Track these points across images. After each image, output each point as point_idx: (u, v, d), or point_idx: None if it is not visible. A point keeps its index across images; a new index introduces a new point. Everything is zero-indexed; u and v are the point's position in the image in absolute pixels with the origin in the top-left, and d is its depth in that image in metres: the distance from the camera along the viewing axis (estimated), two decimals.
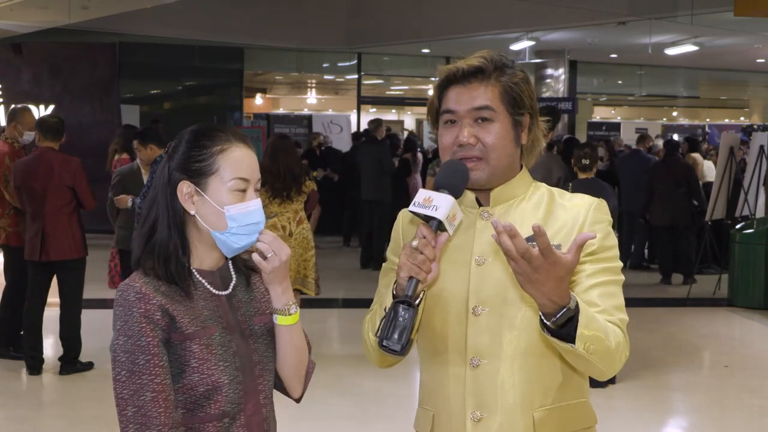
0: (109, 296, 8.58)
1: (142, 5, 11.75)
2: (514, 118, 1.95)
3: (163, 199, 1.93)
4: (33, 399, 6.17)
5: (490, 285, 1.94)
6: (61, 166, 6.31)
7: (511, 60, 1.99)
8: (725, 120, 24.76)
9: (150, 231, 1.94)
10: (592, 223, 1.95)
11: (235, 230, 1.90)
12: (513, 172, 2.00)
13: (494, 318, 1.94)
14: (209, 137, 1.93)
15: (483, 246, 1.96)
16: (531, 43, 15.60)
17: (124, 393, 1.84)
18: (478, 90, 1.94)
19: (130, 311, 1.85)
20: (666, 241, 10.37)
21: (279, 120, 17.25)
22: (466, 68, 1.94)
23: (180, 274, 1.90)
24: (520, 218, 1.95)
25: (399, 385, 6.08)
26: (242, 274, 2.03)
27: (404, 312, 1.80)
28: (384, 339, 1.81)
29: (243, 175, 1.91)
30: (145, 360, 1.83)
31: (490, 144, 1.94)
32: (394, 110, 25.49)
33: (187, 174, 1.91)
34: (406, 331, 1.80)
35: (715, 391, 6.49)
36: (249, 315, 2.00)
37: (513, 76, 1.95)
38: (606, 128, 19.40)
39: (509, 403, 1.93)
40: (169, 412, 1.84)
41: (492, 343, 1.94)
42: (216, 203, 1.90)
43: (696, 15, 12.04)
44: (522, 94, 1.95)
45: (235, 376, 1.93)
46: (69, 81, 14.46)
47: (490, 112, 1.93)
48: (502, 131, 1.94)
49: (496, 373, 1.93)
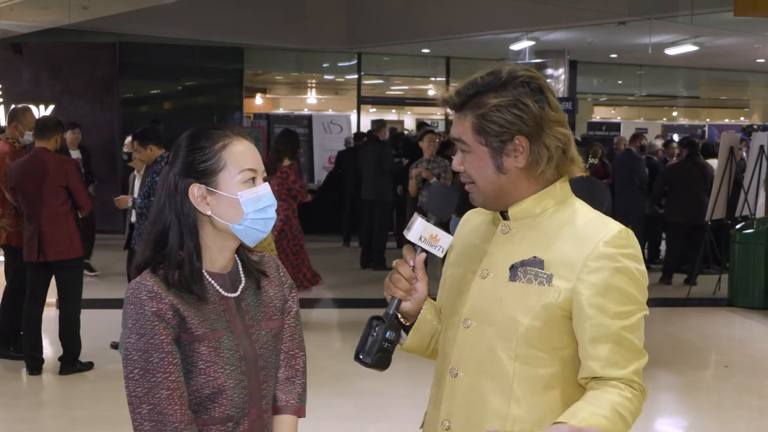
0: (109, 296, 8.58)
1: (142, 5, 11.75)
2: (492, 147, 1.91)
3: (172, 207, 1.93)
4: (33, 399, 6.16)
5: (483, 300, 1.95)
6: (55, 166, 6.31)
7: (504, 77, 1.90)
8: (725, 120, 24.73)
9: (157, 240, 1.94)
10: (597, 258, 1.85)
11: (252, 216, 1.91)
12: (518, 195, 1.95)
13: (478, 334, 1.94)
14: (207, 137, 1.94)
15: (491, 260, 1.97)
16: (531, 43, 15.59)
17: (138, 391, 1.84)
18: (457, 121, 1.96)
19: (142, 309, 1.85)
20: (681, 239, 10.36)
21: (279, 120, 17.23)
22: (441, 100, 1.97)
23: (194, 279, 1.90)
24: (536, 237, 1.93)
25: (399, 385, 6.08)
26: (252, 278, 2.03)
27: (378, 327, 1.95)
28: (358, 352, 1.96)
29: (250, 166, 1.93)
30: (159, 358, 1.84)
31: (471, 174, 1.96)
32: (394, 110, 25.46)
33: (195, 176, 1.92)
34: (376, 345, 1.94)
35: (715, 391, 6.49)
36: (257, 320, 2.01)
37: (483, 105, 1.89)
38: (606, 128, 19.39)
39: (472, 420, 1.94)
40: (184, 409, 1.85)
41: (470, 357, 1.95)
42: (230, 194, 1.91)
43: (696, 15, 12.02)
44: (498, 121, 1.88)
45: (241, 381, 1.93)
46: (69, 81, 14.45)
47: (464, 144, 1.94)
48: (477, 162, 1.94)
49: (467, 388, 1.95)
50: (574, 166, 1.98)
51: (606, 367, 1.83)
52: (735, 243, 9.26)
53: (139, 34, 14.65)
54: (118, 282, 9.01)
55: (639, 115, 25.35)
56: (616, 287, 1.84)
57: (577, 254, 1.86)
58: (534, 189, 1.95)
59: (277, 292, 2.07)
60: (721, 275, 9.72)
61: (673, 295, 9.76)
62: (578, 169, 1.99)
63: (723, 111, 25.60)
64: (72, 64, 14.47)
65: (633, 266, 1.86)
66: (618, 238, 1.87)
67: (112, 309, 8.31)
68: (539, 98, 1.90)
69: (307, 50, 17.47)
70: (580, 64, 18.67)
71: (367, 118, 19.65)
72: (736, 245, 9.23)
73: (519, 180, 1.94)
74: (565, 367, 1.90)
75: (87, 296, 6.89)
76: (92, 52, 14.71)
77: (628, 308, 1.85)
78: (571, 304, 1.86)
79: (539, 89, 1.91)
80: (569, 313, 1.87)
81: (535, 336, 1.87)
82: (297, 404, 2.09)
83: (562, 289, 1.86)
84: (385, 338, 1.94)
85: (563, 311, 1.87)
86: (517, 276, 1.90)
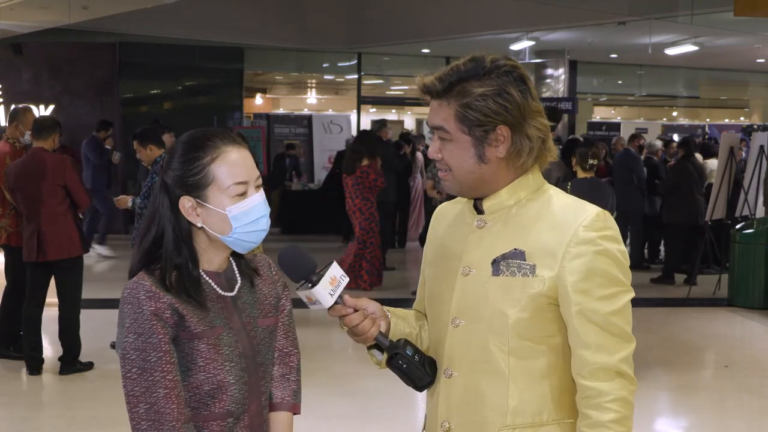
0: (109, 296, 8.58)
1: (142, 5, 11.75)
2: (475, 136, 1.90)
3: (165, 215, 1.94)
4: (33, 399, 6.16)
5: (469, 298, 1.95)
6: (52, 165, 6.31)
7: (487, 65, 1.88)
8: (725, 120, 24.74)
9: (152, 245, 1.95)
10: (578, 244, 1.86)
11: (241, 229, 1.92)
12: (497, 184, 1.94)
13: (468, 332, 1.95)
14: (199, 148, 1.93)
15: (471, 256, 1.96)
16: (531, 43, 15.60)
17: (136, 390, 1.85)
18: (438, 109, 1.93)
19: (140, 309, 1.86)
20: (679, 239, 10.35)
21: (279, 120, 17.23)
22: (421, 86, 1.94)
23: (192, 285, 1.91)
24: (513, 229, 1.93)
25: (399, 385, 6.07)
26: (246, 276, 2.05)
27: (400, 360, 1.99)
28: (417, 387, 2.03)
29: (240, 179, 1.92)
30: (157, 357, 1.85)
31: (449, 162, 1.94)
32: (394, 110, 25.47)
33: (185, 189, 1.92)
34: (413, 365, 1.99)
35: (715, 391, 6.49)
36: (253, 316, 2.02)
37: (468, 94, 1.87)
38: (606, 128, 19.38)
39: (472, 419, 1.94)
40: (181, 408, 1.86)
41: (463, 356, 1.95)
42: (218, 209, 1.91)
43: (696, 15, 12.03)
44: (483, 110, 1.87)
45: (241, 377, 1.95)
46: (69, 81, 14.45)
47: (445, 132, 1.92)
48: (458, 151, 1.92)
49: (463, 387, 1.95)
50: (549, 157, 1.98)
51: (596, 353, 1.84)
52: (735, 243, 9.26)
53: (139, 34, 14.65)
54: (117, 282, 8.99)
55: (639, 115, 25.35)
56: (599, 270, 1.85)
57: (557, 241, 1.87)
58: (511, 178, 1.95)
59: (271, 290, 2.09)
60: (721, 275, 9.72)
61: (673, 295, 9.76)
62: (552, 158, 1.99)
63: (723, 111, 25.60)
64: (72, 64, 14.47)
65: (614, 248, 1.87)
66: (596, 221, 1.87)
67: (112, 309, 8.30)
68: (522, 88, 1.89)
69: (307, 50, 17.48)
70: (580, 64, 18.67)
71: (367, 118, 19.65)
72: (736, 245, 9.22)
73: (499, 170, 1.93)
74: (558, 356, 1.91)
75: (87, 296, 6.88)
76: (92, 52, 14.71)
77: (612, 290, 1.86)
78: (557, 292, 1.87)
79: (521, 79, 1.90)
80: (556, 301, 1.88)
81: (524, 327, 1.88)
82: (292, 401, 2.11)
83: (547, 278, 1.87)
84: (411, 361, 1.99)
85: (549, 299, 1.88)
86: (500, 270, 1.90)
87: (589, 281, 1.85)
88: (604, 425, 1.83)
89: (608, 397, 1.84)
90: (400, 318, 2.08)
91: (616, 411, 1.84)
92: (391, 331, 2.04)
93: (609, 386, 1.84)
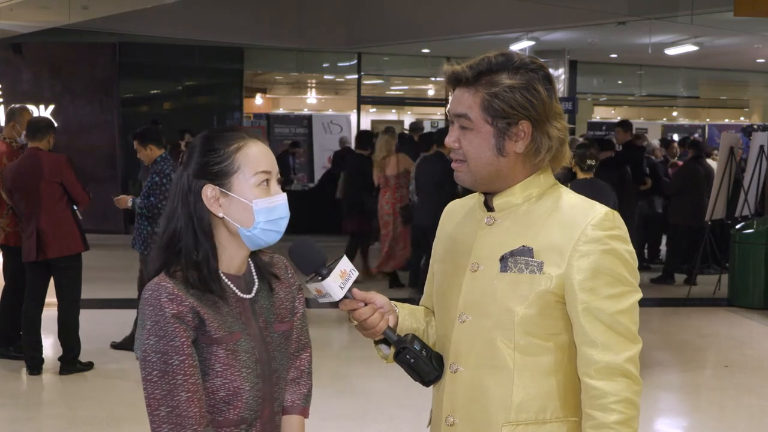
0: (109, 296, 8.58)
1: (142, 5, 11.75)
2: (497, 127, 1.91)
3: (185, 209, 1.92)
4: (33, 399, 6.16)
5: (476, 294, 1.95)
6: (49, 163, 6.33)
7: (516, 62, 1.91)
8: (725, 120, 24.72)
9: (169, 242, 1.93)
10: (586, 242, 1.87)
11: (262, 225, 1.91)
12: (512, 179, 1.95)
13: (474, 328, 1.95)
14: (222, 139, 1.94)
15: (480, 252, 1.97)
16: (531, 43, 15.59)
17: (156, 393, 1.83)
18: (463, 96, 1.93)
19: (161, 312, 1.84)
20: (688, 240, 10.34)
21: (279, 120, 17.24)
22: (450, 73, 1.95)
23: (213, 280, 1.90)
24: (522, 227, 1.94)
25: (399, 385, 6.08)
26: (265, 280, 2.03)
27: (407, 355, 1.99)
28: (425, 382, 2.02)
29: (264, 168, 1.93)
30: (179, 360, 1.83)
31: (467, 152, 1.94)
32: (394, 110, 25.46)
33: (209, 178, 1.91)
34: (423, 365, 1.98)
35: (715, 391, 6.49)
36: (270, 322, 2.01)
37: (497, 84, 1.89)
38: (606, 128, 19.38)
39: (476, 414, 1.95)
40: (203, 411, 1.85)
41: (468, 352, 1.96)
42: (243, 199, 1.91)
43: (696, 15, 12.02)
44: (509, 102, 1.88)
45: (256, 383, 1.93)
46: (69, 81, 14.45)
47: (467, 120, 1.92)
48: (477, 141, 1.92)
49: (468, 382, 1.96)
50: (563, 161, 1.99)
51: (602, 352, 1.85)
52: (735, 243, 9.25)
53: (139, 34, 14.65)
54: (117, 282, 8.99)
55: (639, 115, 25.32)
56: (606, 269, 1.86)
57: (565, 239, 1.88)
58: (525, 175, 1.95)
59: (287, 294, 2.07)
60: (721, 275, 9.72)
61: (673, 295, 9.76)
62: (566, 163, 2.01)
63: (723, 111, 25.58)
64: (72, 64, 14.47)
65: (622, 248, 1.88)
66: (605, 221, 1.88)
67: (112, 309, 8.31)
68: (548, 87, 1.92)
69: (307, 50, 17.47)
70: (580, 64, 18.67)
71: (367, 118, 19.64)
72: (736, 245, 9.22)
73: (515, 165, 1.94)
74: (564, 354, 1.91)
75: (87, 296, 6.88)
76: (92, 52, 14.71)
77: (619, 289, 1.87)
78: (564, 290, 1.87)
79: (548, 78, 1.93)
80: (562, 299, 1.89)
81: (531, 324, 1.89)
82: (303, 405, 2.11)
83: (554, 276, 1.87)
84: (418, 356, 1.99)
85: (556, 297, 1.88)
86: (508, 266, 1.91)
87: (596, 280, 1.86)
88: (609, 427, 1.83)
89: (613, 398, 1.84)
90: (408, 313, 2.09)
91: (621, 412, 1.84)
92: (398, 326, 2.04)
93: (614, 387, 1.84)
